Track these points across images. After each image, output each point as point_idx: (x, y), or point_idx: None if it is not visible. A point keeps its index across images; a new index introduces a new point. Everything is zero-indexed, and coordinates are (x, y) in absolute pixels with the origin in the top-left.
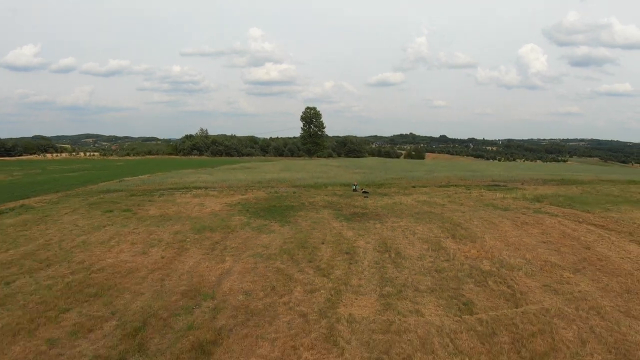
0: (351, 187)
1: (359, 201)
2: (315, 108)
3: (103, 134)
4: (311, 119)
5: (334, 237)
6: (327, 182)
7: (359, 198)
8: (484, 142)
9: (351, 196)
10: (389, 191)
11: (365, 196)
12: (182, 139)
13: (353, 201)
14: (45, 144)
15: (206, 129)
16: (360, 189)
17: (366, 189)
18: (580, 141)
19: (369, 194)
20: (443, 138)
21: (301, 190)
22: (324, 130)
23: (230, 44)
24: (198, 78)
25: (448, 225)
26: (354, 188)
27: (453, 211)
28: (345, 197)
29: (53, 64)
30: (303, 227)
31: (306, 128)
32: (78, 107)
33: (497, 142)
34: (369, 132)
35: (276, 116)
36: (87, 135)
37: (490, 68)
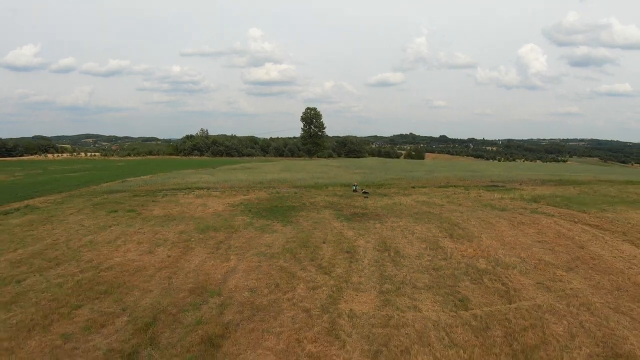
0: (351, 188)
1: (359, 201)
2: (315, 108)
3: (103, 134)
4: (311, 120)
5: (335, 237)
6: (328, 183)
7: (359, 198)
8: (484, 142)
9: (351, 196)
10: (389, 191)
11: (365, 196)
12: (183, 139)
13: (353, 201)
14: (45, 144)
15: (206, 129)
16: (360, 190)
17: (366, 190)
18: (580, 141)
19: (369, 195)
20: (443, 138)
21: (302, 190)
22: (324, 130)
23: (230, 44)
24: (198, 78)
25: (446, 225)
26: (354, 188)
27: (451, 211)
28: (345, 198)
29: (53, 64)
30: (305, 227)
31: (306, 128)
32: (78, 107)
33: (497, 142)
34: (369, 132)
35: (276, 116)
36: (87, 135)
37: (490, 68)
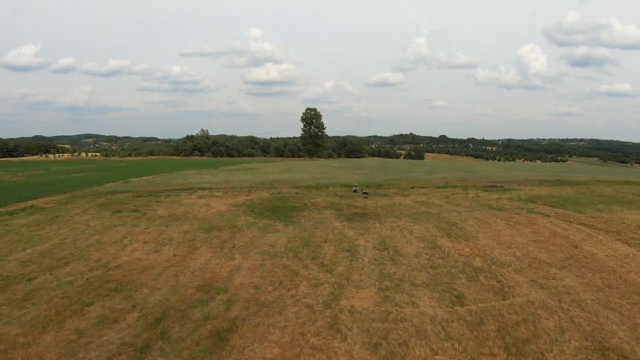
0: (351, 188)
1: (359, 202)
2: (315, 109)
3: (103, 134)
4: (311, 120)
5: (336, 236)
6: (328, 183)
7: (359, 199)
8: (484, 142)
9: (352, 197)
10: (388, 192)
11: (365, 197)
12: (184, 140)
13: (353, 202)
14: (46, 145)
15: (207, 130)
16: (360, 190)
17: (366, 190)
18: (579, 141)
19: (369, 195)
20: (443, 138)
21: (303, 191)
22: (324, 131)
23: (230, 44)
24: (198, 78)
25: (444, 225)
26: (355, 189)
27: (449, 211)
28: (346, 198)
29: (53, 64)
30: (306, 227)
31: (306, 129)
32: (78, 107)
33: (497, 142)
34: (369, 132)
35: (276, 116)
36: (87, 135)
37: (490, 68)
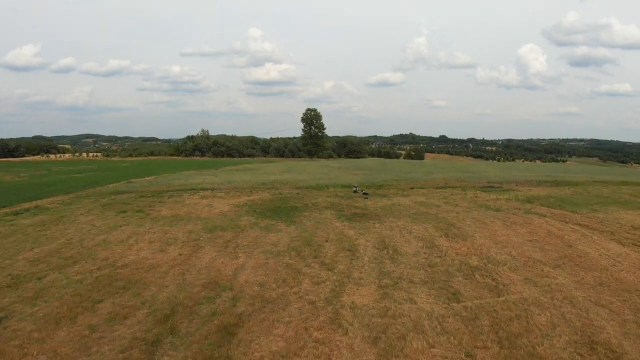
0: (352, 189)
1: (360, 202)
2: (315, 109)
3: (103, 134)
4: (312, 121)
5: (337, 236)
6: (329, 184)
7: (360, 199)
8: (484, 142)
9: (352, 197)
10: (388, 192)
11: (365, 197)
12: (184, 140)
13: (354, 202)
14: (47, 145)
15: (207, 130)
16: (360, 191)
17: (366, 191)
18: (579, 141)
19: (369, 195)
20: (443, 138)
21: (304, 191)
22: (324, 131)
23: (230, 44)
24: (198, 78)
25: (442, 225)
26: (355, 189)
27: (448, 212)
28: (346, 198)
29: (53, 64)
30: (308, 227)
31: (307, 129)
32: (78, 107)
33: (497, 142)
34: (369, 132)
35: (276, 116)
36: (87, 135)
37: (490, 68)
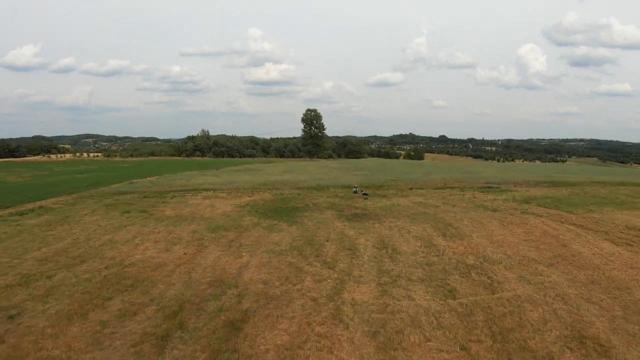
0: (352, 189)
1: (360, 202)
2: (315, 110)
3: (103, 134)
4: (312, 121)
5: (337, 236)
6: (329, 184)
7: (359, 200)
8: (484, 142)
9: (352, 198)
10: (388, 193)
11: (365, 198)
12: (185, 140)
13: (354, 202)
14: (48, 145)
15: (207, 130)
16: (360, 191)
17: (366, 191)
18: (579, 141)
19: (369, 196)
20: (442, 138)
21: (305, 192)
22: (325, 131)
23: (230, 44)
24: (198, 78)
25: (440, 225)
26: (355, 190)
27: (446, 212)
28: (346, 199)
29: (53, 64)
30: (309, 227)
31: (307, 130)
32: (78, 107)
33: (497, 142)
34: (369, 132)
35: (276, 116)
36: (87, 135)
37: (490, 68)
